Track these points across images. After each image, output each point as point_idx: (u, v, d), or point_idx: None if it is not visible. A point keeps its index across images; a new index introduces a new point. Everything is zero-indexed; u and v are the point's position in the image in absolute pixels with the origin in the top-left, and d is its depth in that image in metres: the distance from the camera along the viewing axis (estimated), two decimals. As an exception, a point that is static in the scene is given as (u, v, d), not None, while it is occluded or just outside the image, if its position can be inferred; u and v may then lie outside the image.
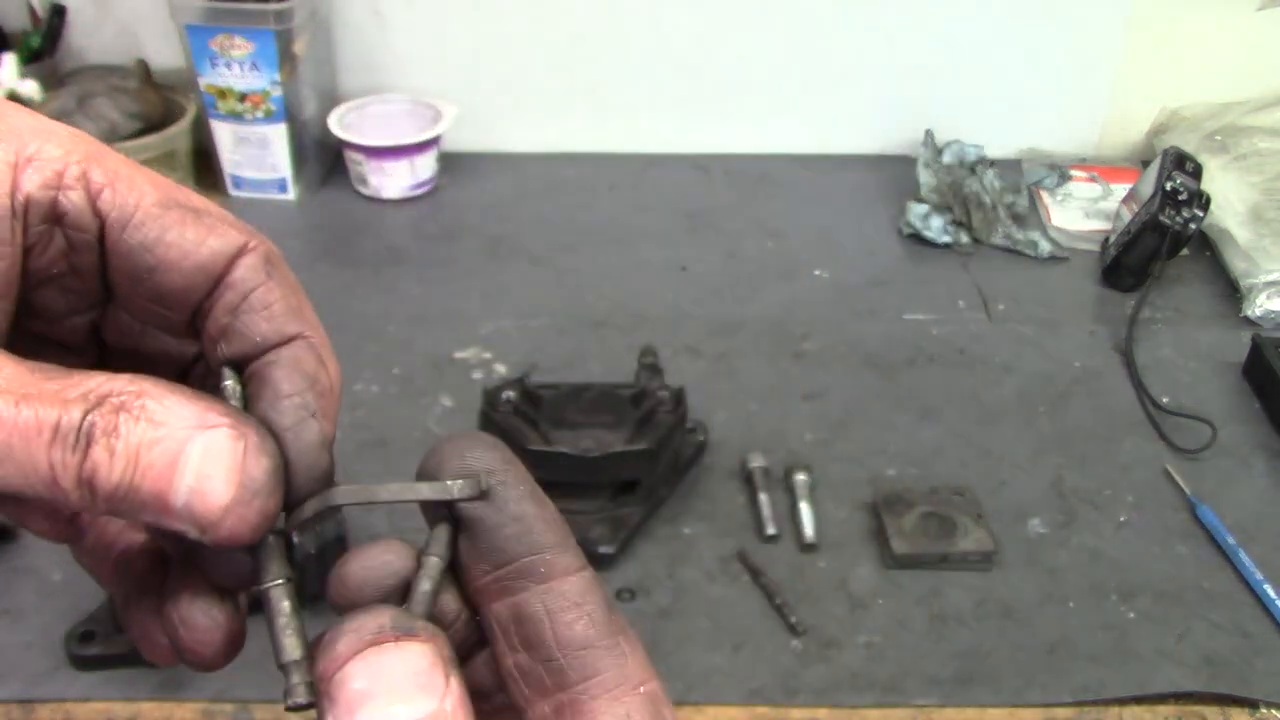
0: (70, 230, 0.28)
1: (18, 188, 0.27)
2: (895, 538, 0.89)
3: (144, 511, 0.26)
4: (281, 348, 0.30)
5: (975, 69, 1.42)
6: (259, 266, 0.30)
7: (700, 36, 1.41)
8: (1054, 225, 1.32)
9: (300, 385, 0.30)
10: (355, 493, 0.30)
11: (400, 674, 0.25)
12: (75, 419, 0.26)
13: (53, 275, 0.29)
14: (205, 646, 0.30)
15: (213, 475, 0.26)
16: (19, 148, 0.28)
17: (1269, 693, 0.80)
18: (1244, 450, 1.02)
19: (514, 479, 0.29)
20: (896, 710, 0.80)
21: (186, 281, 0.29)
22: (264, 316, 0.30)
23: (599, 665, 0.28)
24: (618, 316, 1.17)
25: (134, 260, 0.29)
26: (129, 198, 0.29)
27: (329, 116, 1.35)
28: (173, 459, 0.26)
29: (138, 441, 0.26)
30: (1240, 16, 1.37)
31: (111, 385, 0.26)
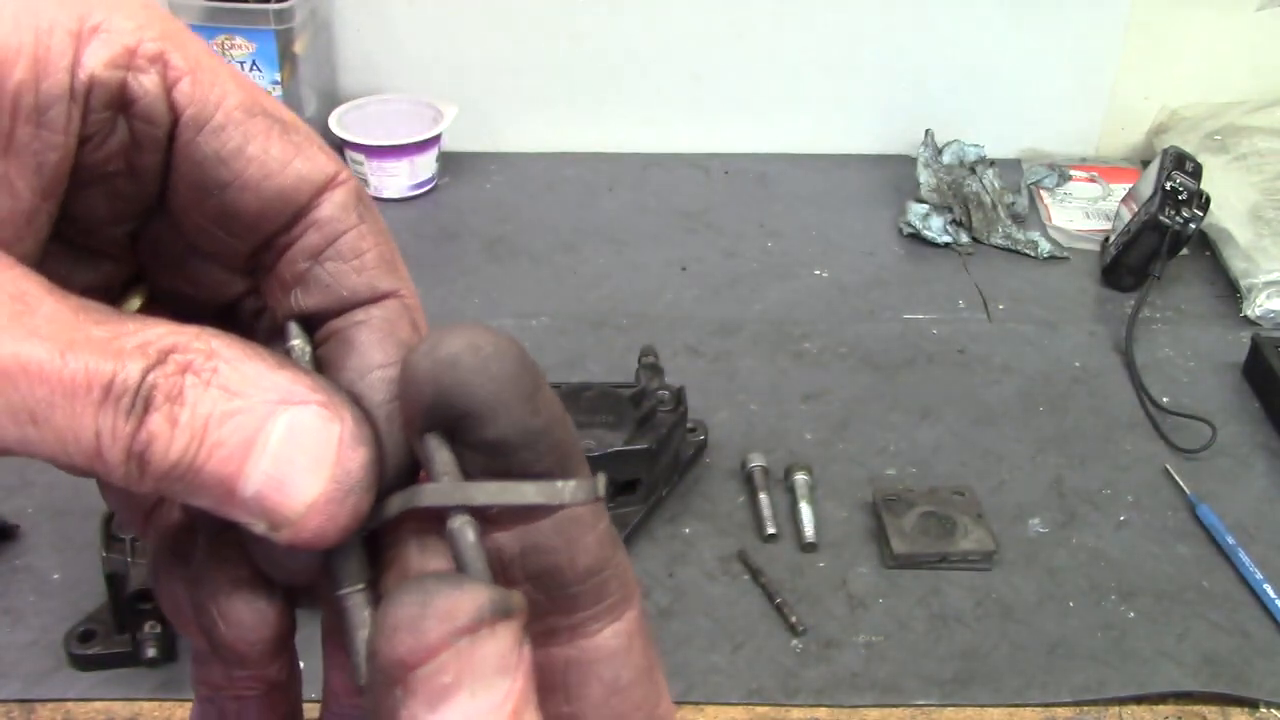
0: (137, 122, 0.23)
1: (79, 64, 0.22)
2: (895, 538, 0.89)
3: (201, 497, 0.22)
4: (371, 306, 0.25)
5: (975, 69, 1.42)
6: (351, 205, 0.25)
7: (700, 36, 1.41)
8: (1054, 225, 1.32)
9: (394, 355, 0.25)
10: (447, 493, 0.23)
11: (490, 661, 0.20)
12: (133, 377, 0.21)
13: (106, 175, 0.24)
14: (247, 646, 0.25)
15: (298, 463, 0.22)
16: (84, 13, 0.22)
17: (1269, 693, 0.80)
18: (1244, 450, 1.02)
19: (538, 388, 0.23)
20: (896, 710, 0.80)
21: (262, 206, 0.24)
22: (354, 266, 0.25)
23: (607, 589, 0.25)
24: (618, 316, 1.17)
25: (205, 171, 0.23)
26: (210, 94, 0.23)
27: (329, 116, 1.35)
28: (249, 438, 0.21)
29: (207, 412, 0.21)
30: (1240, 16, 1.37)
31: (176, 339, 0.21)
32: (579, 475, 0.24)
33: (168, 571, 0.26)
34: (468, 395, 0.23)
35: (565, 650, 0.25)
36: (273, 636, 0.25)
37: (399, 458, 0.24)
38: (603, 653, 0.25)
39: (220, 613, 0.24)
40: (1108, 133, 1.46)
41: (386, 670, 0.20)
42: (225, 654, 0.25)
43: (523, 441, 0.23)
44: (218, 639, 0.25)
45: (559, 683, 0.25)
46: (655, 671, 0.26)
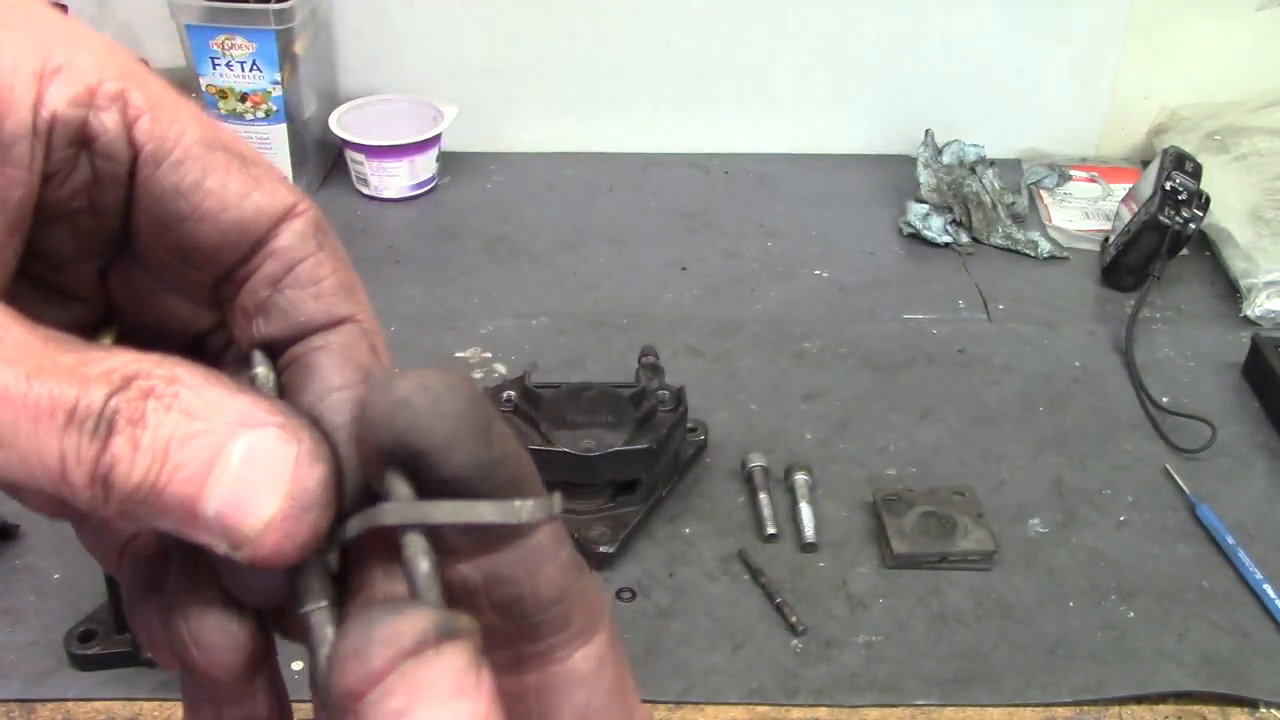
0: (99, 159, 0.24)
1: (43, 102, 0.22)
2: (895, 538, 0.89)
3: (164, 518, 0.22)
4: (330, 332, 0.26)
5: (975, 69, 1.42)
6: (309, 234, 0.25)
7: (700, 36, 1.41)
8: (1054, 225, 1.32)
9: (352, 378, 0.26)
10: (405, 512, 0.24)
11: (440, 682, 0.21)
12: (96, 402, 0.21)
13: (69, 210, 0.24)
14: (221, 669, 0.25)
15: (256, 483, 0.22)
16: (47, 54, 0.23)
17: (1269, 693, 0.80)
18: (1244, 450, 1.02)
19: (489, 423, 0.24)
20: (896, 710, 0.80)
21: (222, 238, 0.25)
22: (312, 293, 0.25)
23: (572, 616, 0.25)
24: (618, 316, 1.17)
25: (165, 205, 0.24)
26: (169, 130, 0.24)
27: (329, 116, 1.35)
28: (209, 460, 0.22)
29: (168, 435, 0.22)
30: (1240, 16, 1.37)
31: (139, 365, 0.22)
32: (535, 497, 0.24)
33: (143, 601, 0.26)
34: (421, 435, 0.23)
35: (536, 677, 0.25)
36: (244, 660, 0.25)
37: (360, 480, 0.25)
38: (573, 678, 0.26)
39: (192, 636, 0.25)
40: (1108, 133, 1.46)
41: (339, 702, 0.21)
42: (199, 677, 0.25)
43: (478, 476, 0.24)
44: (190, 662, 0.25)
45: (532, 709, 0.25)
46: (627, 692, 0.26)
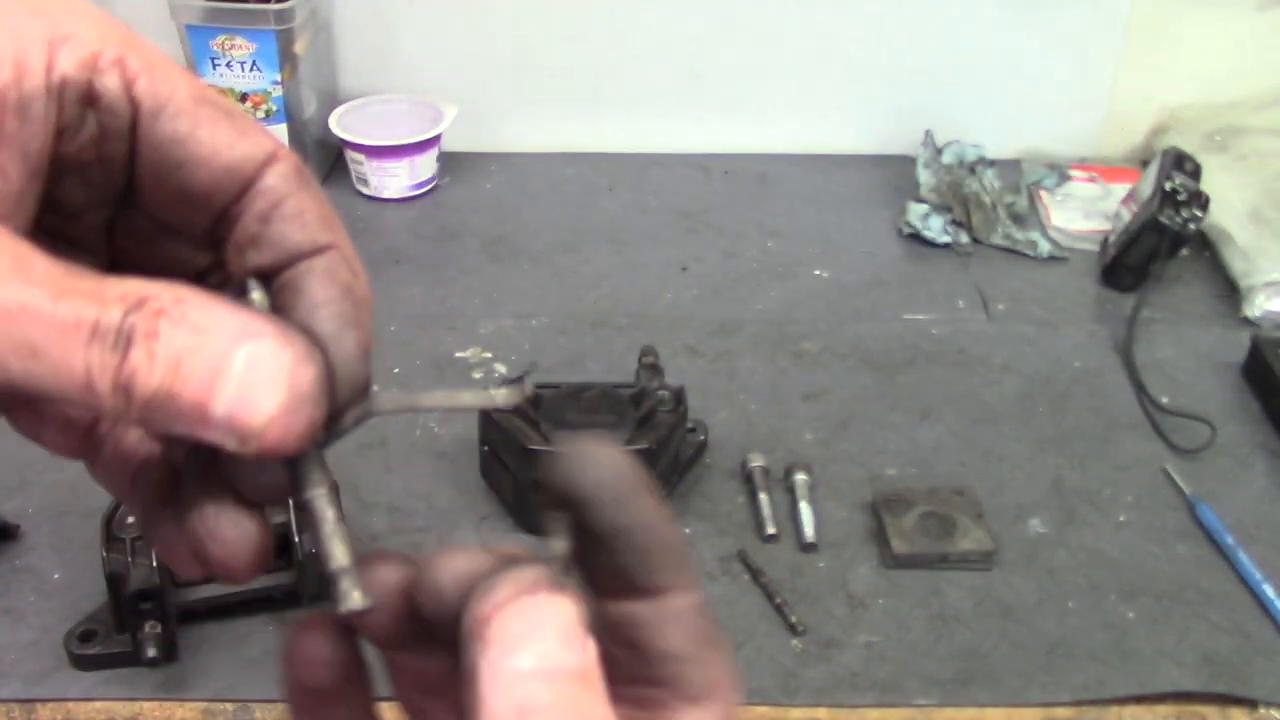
0: (103, 115, 0.27)
1: (53, 66, 0.26)
2: (895, 538, 0.89)
3: (180, 421, 0.25)
4: (314, 257, 0.29)
5: (975, 69, 1.42)
6: (290, 175, 0.29)
7: (700, 36, 1.41)
8: (1054, 225, 1.32)
9: (336, 294, 0.29)
10: (396, 400, 0.29)
11: (552, 624, 0.25)
12: (115, 319, 0.24)
13: (80, 163, 0.28)
14: (236, 559, 0.29)
15: (257, 384, 0.25)
16: (54, 25, 0.26)
17: (1269, 693, 0.80)
18: (1243, 450, 1.02)
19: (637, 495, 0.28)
20: (896, 710, 0.80)
21: (214, 181, 0.28)
22: (297, 225, 0.29)
23: (689, 675, 0.28)
24: (618, 316, 1.17)
25: (164, 153, 0.28)
26: (163, 88, 0.28)
27: (329, 116, 1.35)
28: (215, 366, 0.25)
29: (179, 347, 0.25)
30: (1240, 16, 1.37)
31: (149, 289, 0.25)
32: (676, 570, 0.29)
33: (160, 516, 0.30)
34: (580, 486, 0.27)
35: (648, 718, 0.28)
36: (255, 550, 0.29)
37: (354, 380, 0.29)
38: None
39: (208, 531, 0.29)
40: (1108, 133, 1.46)
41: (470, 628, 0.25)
42: (218, 569, 0.29)
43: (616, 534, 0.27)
44: (210, 556, 0.29)
45: None
46: None
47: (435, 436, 1.00)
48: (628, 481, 0.27)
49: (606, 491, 0.27)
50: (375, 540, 0.88)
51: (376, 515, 0.91)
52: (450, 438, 1.00)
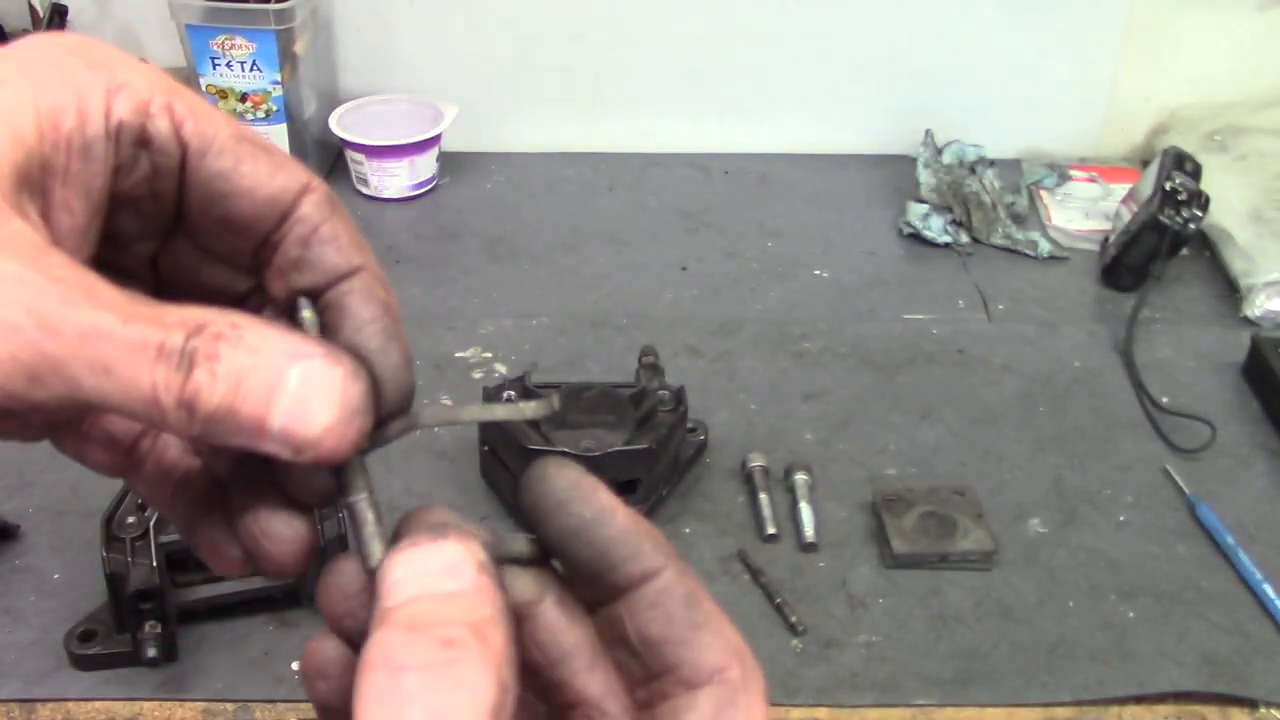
0: (155, 154, 0.30)
1: (111, 112, 0.29)
2: (895, 538, 0.89)
3: (239, 434, 0.28)
4: (352, 278, 0.32)
5: (975, 69, 1.42)
6: (324, 203, 0.32)
7: (700, 37, 1.41)
8: (1054, 225, 1.32)
9: (378, 311, 0.32)
10: (438, 414, 0.33)
11: (432, 565, 0.27)
12: (178, 342, 0.27)
13: (134, 198, 0.31)
14: (288, 555, 0.32)
15: (311, 399, 0.28)
16: (110, 77, 0.29)
17: (1269, 692, 0.80)
18: (1243, 450, 1.02)
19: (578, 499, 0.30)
20: (896, 710, 0.80)
21: (257, 210, 0.31)
22: (334, 248, 0.32)
23: (676, 659, 0.29)
24: (618, 316, 1.17)
25: (211, 186, 0.31)
26: (208, 129, 0.31)
27: (329, 116, 1.35)
28: (272, 384, 0.27)
29: (239, 367, 0.27)
30: (1240, 16, 1.37)
31: (207, 315, 0.27)
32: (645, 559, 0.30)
33: (205, 522, 0.33)
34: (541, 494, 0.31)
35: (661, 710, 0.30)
36: (306, 546, 0.32)
37: (400, 389, 0.32)
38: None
39: (263, 531, 0.31)
40: (1108, 133, 1.46)
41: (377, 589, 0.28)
42: (268, 564, 0.32)
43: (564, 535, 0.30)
44: (265, 554, 0.32)
45: None
46: None
47: (435, 436, 1.00)
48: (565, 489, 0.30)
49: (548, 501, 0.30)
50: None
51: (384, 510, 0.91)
52: (450, 438, 1.00)
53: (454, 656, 0.25)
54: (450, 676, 0.25)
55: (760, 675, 0.29)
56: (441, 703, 0.25)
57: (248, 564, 0.33)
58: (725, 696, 0.29)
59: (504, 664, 0.26)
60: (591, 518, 0.30)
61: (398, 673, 0.25)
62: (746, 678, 0.29)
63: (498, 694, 0.25)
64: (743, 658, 0.29)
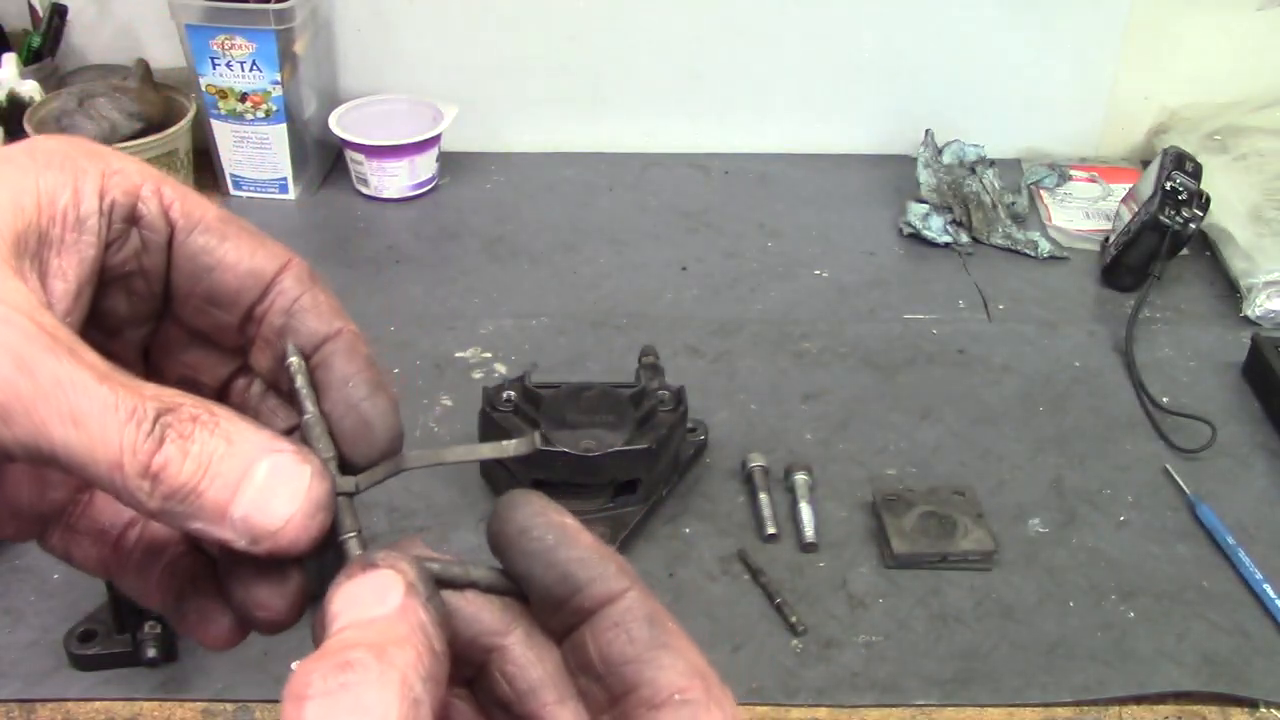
0: (145, 231, 0.33)
1: (105, 191, 0.32)
2: (895, 538, 0.89)
3: (197, 517, 0.29)
4: (336, 339, 0.34)
5: (975, 69, 1.42)
6: (304, 276, 0.34)
7: (700, 37, 1.41)
8: (1054, 225, 1.32)
9: (363, 364, 0.34)
10: (424, 456, 0.34)
11: (362, 594, 0.28)
12: (152, 411, 0.28)
13: (125, 273, 0.33)
14: (282, 617, 0.32)
15: (276, 492, 0.29)
16: (106, 165, 0.33)
17: (1269, 692, 0.80)
18: (1244, 450, 1.02)
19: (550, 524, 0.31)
20: (896, 710, 0.80)
21: (240, 284, 0.33)
22: (315, 315, 0.34)
23: (638, 679, 0.30)
24: (618, 316, 1.17)
25: (197, 261, 0.33)
26: (195, 210, 0.33)
27: (329, 116, 1.35)
28: (241, 473, 0.29)
29: (211, 451, 0.28)
30: (1240, 16, 1.37)
31: (184, 397, 0.29)
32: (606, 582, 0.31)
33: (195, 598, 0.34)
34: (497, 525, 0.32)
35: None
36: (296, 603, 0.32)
37: (389, 432, 0.33)
38: None
39: (255, 603, 0.32)
40: (1108, 133, 1.46)
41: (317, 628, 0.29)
42: (263, 628, 0.33)
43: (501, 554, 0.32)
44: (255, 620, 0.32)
45: None
46: None
47: (435, 436, 1.00)
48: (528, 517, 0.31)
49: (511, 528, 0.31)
50: (375, 540, 0.88)
51: (376, 515, 0.91)
52: (450, 438, 1.00)
53: (350, 679, 0.26)
54: (345, 700, 0.26)
55: (727, 696, 0.30)
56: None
57: (239, 632, 0.34)
58: (687, 715, 0.29)
59: (415, 680, 0.27)
60: (555, 541, 0.30)
61: (300, 702, 0.26)
62: (710, 698, 0.29)
63: (404, 709, 0.26)
64: (706, 677, 0.30)
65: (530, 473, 0.89)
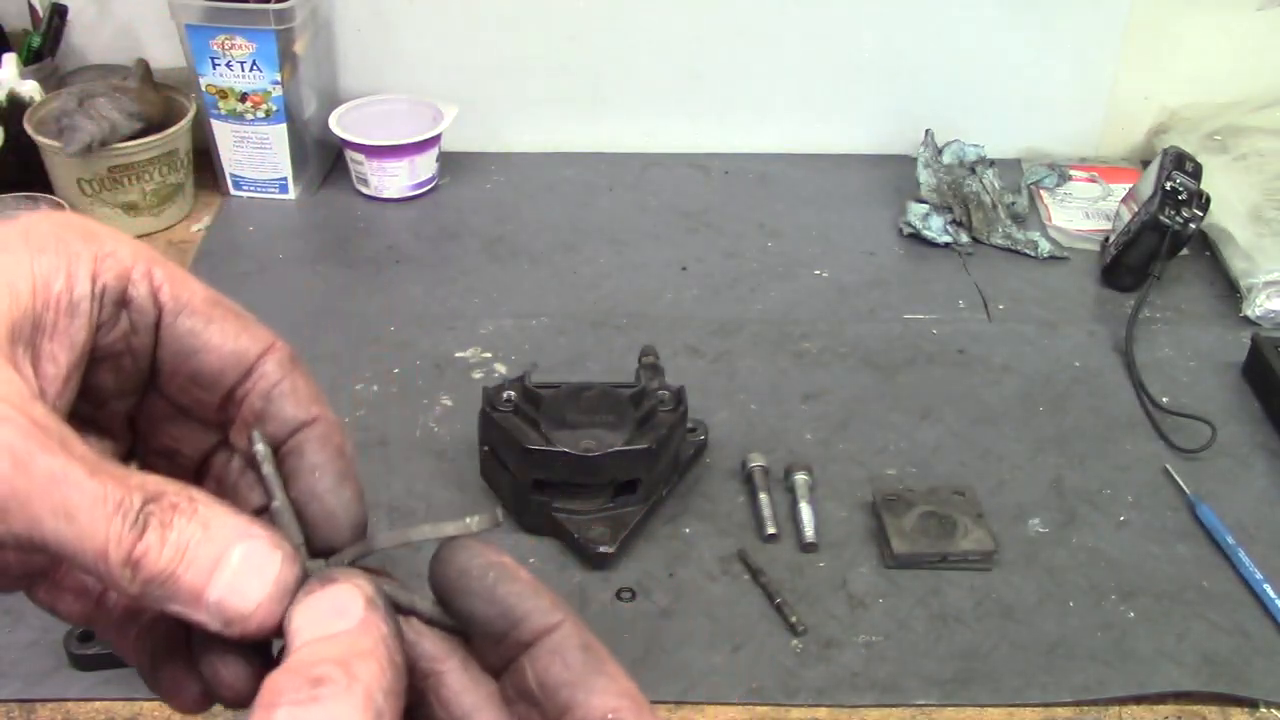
0: (134, 313, 0.34)
1: (97, 276, 0.33)
2: (895, 538, 0.89)
3: (174, 601, 0.30)
4: (310, 427, 0.35)
5: (975, 69, 1.42)
6: (285, 361, 0.36)
7: (700, 37, 1.41)
8: (1054, 225, 1.32)
9: (332, 455, 0.35)
10: (391, 537, 0.35)
11: (322, 608, 0.30)
12: (137, 503, 0.29)
13: (113, 352, 0.34)
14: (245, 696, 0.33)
15: (249, 577, 0.30)
16: (99, 247, 0.34)
17: (1269, 692, 0.80)
18: (1244, 450, 1.02)
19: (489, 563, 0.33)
20: (896, 710, 0.80)
21: (223, 365, 0.35)
22: (292, 401, 0.35)
23: (572, 701, 0.31)
24: (618, 316, 1.17)
25: (182, 342, 0.35)
26: (183, 293, 0.35)
27: (329, 116, 1.35)
28: (216, 559, 0.30)
29: (188, 538, 0.30)
30: (1240, 16, 1.37)
31: (167, 485, 0.30)
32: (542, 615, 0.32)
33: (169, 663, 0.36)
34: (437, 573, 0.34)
35: None
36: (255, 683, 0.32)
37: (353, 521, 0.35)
38: None
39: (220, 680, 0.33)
40: (1108, 133, 1.46)
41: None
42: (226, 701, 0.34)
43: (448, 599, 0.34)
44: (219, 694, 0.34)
45: None
46: None
47: (435, 436, 1.00)
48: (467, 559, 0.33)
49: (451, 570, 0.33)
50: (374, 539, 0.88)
51: (376, 515, 0.91)
52: (450, 438, 1.00)
53: (320, 693, 0.28)
54: (314, 712, 0.27)
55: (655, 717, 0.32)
56: None
57: (206, 700, 0.35)
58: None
59: (379, 693, 0.28)
60: (494, 579, 0.32)
61: (268, 710, 0.27)
62: (639, 716, 0.32)
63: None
64: (636, 700, 0.32)
65: (531, 473, 0.89)
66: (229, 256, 1.26)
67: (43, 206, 1.22)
